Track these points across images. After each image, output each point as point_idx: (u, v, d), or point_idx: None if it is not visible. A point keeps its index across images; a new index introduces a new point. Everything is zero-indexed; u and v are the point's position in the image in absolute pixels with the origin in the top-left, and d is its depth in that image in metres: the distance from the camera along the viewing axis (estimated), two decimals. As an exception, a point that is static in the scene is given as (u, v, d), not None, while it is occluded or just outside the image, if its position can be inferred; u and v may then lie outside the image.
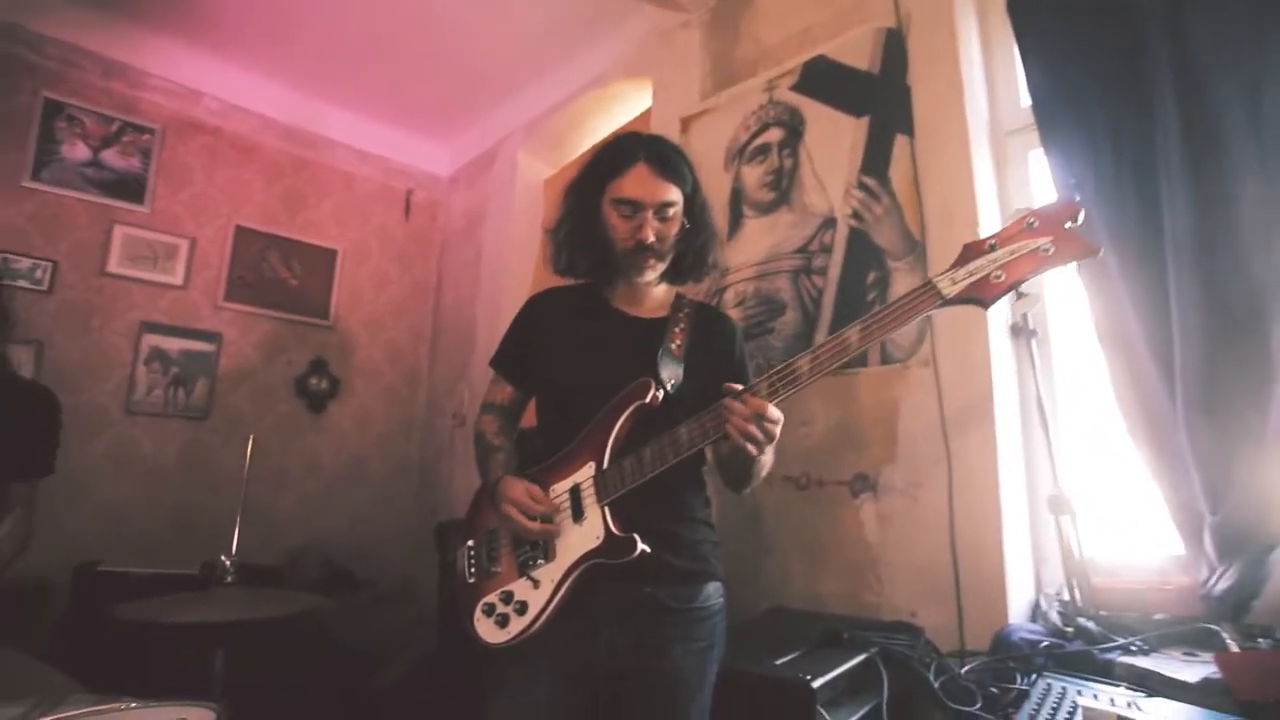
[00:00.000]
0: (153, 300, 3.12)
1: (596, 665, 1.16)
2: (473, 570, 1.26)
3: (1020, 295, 1.00)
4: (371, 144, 3.89)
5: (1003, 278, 0.98)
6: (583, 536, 1.16)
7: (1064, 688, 1.28)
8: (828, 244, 2.11)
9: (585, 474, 1.19)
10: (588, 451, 1.20)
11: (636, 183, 1.26)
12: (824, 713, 1.19)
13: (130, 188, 3.11)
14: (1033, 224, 0.99)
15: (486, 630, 1.18)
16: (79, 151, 3.00)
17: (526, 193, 3.60)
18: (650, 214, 1.26)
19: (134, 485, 2.96)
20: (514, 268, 3.48)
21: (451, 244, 4.05)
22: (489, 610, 1.19)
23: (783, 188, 2.28)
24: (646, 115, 2.96)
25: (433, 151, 4.10)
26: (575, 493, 1.19)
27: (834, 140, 2.16)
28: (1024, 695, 1.30)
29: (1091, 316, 1.63)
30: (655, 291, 1.39)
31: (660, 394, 1.19)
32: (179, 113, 3.30)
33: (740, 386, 1.10)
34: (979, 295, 1.00)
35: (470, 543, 1.29)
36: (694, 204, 1.33)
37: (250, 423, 3.31)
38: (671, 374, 1.25)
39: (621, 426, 1.19)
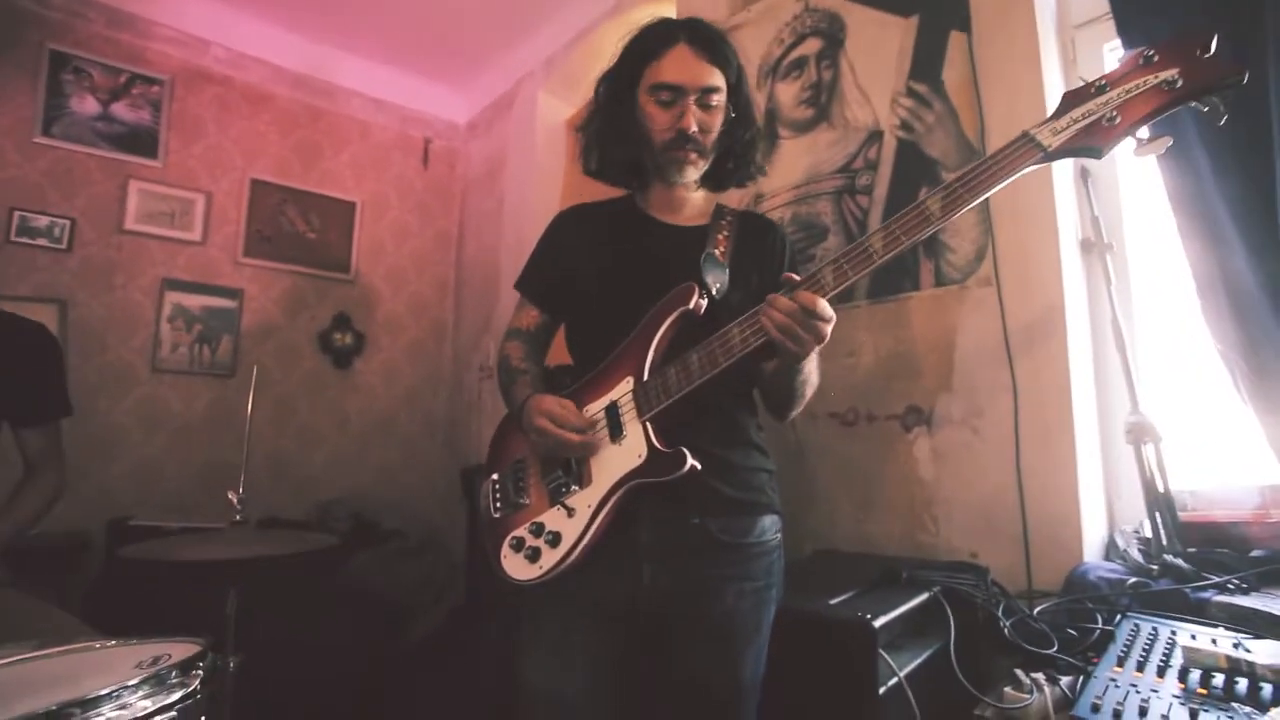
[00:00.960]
0: (172, 257, 3.07)
1: (639, 606, 1.04)
2: (498, 504, 1.14)
3: (1140, 141, 0.84)
4: (386, 91, 3.76)
5: (1118, 120, 0.82)
6: (622, 456, 1.03)
7: (1154, 628, 1.15)
8: (873, 160, 1.93)
9: (623, 389, 1.06)
10: (625, 366, 1.07)
11: (677, 66, 1.11)
12: (886, 655, 1.08)
13: (142, 141, 3.03)
14: (1151, 57, 0.82)
15: (515, 566, 1.07)
16: (88, 105, 2.92)
17: (548, 134, 3.43)
18: (692, 100, 1.12)
19: (164, 442, 2.96)
20: (538, 213, 3.33)
21: (472, 193, 3.92)
22: (517, 545, 1.08)
23: (821, 103, 2.09)
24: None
25: (449, 98, 3.94)
26: (612, 410, 1.06)
27: (879, 45, 1.96)
28: (1108, 636, 1.16)
29: (1177, 222, 1.44)
30: (694, 198, 1.25)
31: (704, 301, 1.06)
32: (187, 63, 3.19)
33: (798, 277, 0.95)
34: (1089, 144, 0.84)
35: (495, 476, 1.17)
36: (739, 94, 1.18)
37: (276, 380, 3.29)
38: (716, 279, 1.11)
39: (663, 337, 1.06)
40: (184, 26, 3.18)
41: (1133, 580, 1.27)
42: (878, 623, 1.07)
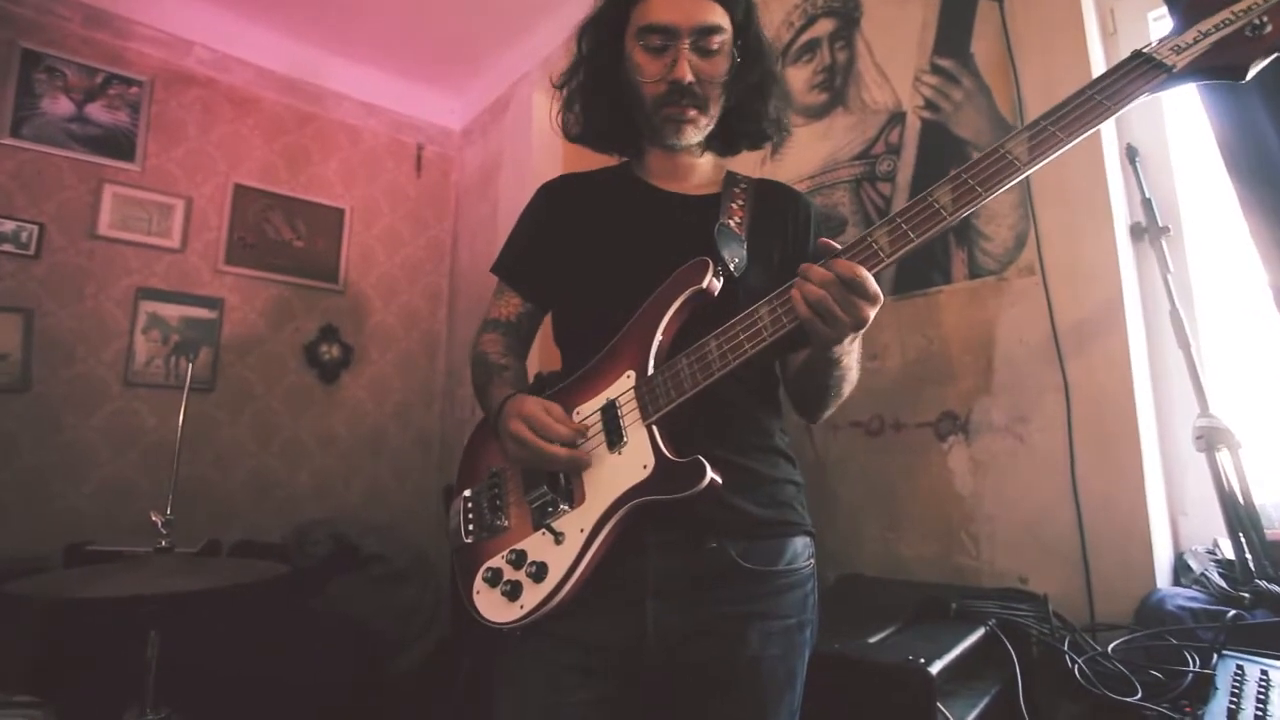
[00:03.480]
0: (148, 264, 2.90)
1: (644, 653, 0.84)
2: (470, 528, 0.93)
3: None
4: (378, 96, 3.62)
5: (1268, 29, 0.65)
6: (623, 468, 0.82)
7: (1264, 671, 0.95)
8: (895, 144, 1.77)
9: (623, 386, 0.86)
10: (625, 358, 0.88)
11: (668, 2, 0.93)
12: (944, 710, 0.88)
13: (119, 144, 2.88)
14: None
15: (490, 605, 0.86)
16: (61, 105, 2.77)
17: (544, 136, 3.28)
18: (686, 44, 0.93)
19: (136, 460, 2.77)
20: (533, 219, 3.19)
21: (466, 200, 3.77)
22: (493, 578, 0.87)
23: (836, 86, 1.93)
24: (672, 32, 2.62)
25: (443, 103, 3.81)
26: (610, 411, 0.86)
27: (898, 21, 1.81)
28: (1205, 680, 0.97)
29: (1239, 195, 1.26)
30: (700, 164, 1.07)
31: (720, 279, 0.87)
32: (168, 63, 3.06)
33: (838, 244, 0.77)
34: (1227, 61, 0.67)
35: (467, 493, 0.97)
36: (746, 34, 0.99)
37: (259, 394, 3.11)
38: (734, 254, 0.92)
39: (670, 322, 0.86)
40: (166, 26, 3.05)
41: (1232, 613, 1.08)
42: (934, 668, 0.88)
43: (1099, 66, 1.52)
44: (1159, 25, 1.57)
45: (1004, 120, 1.56)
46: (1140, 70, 0.70)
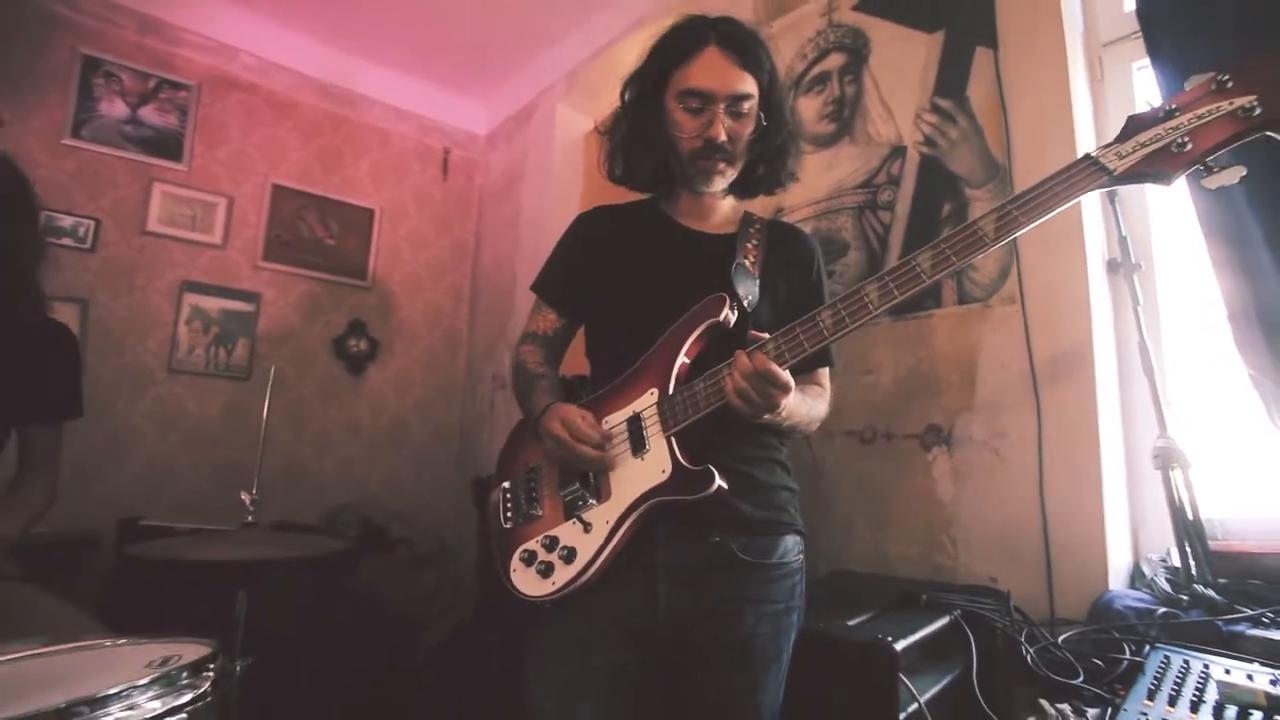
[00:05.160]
0: (192, 259, 3.09)
1: (656, 626, 1.00)
2: (509, 514, 1.10)
3: (1210, 171, 0.81)
4: (407, 101, 3.79)
5: (1189, 147, 0.79)
6: (644, 471, 0.99)
7: (1186, 660, 1.11)
8: (895, 176, 1.92)
9: (646, 401, 1.03)
10: (649, 377, 1.04)
11: (706, 71, 1.08)
12: (906, 680, 1.04)
13: (168, 145, 3.07)
14: (1226, 83, 0.79)
15: (526, 581, 1.03)
16: (117, 109, 2.96)
17: (567, 147, 3.45)
18: (722, 108, 1.08)
19: (178, 443, 2.96)
20: (555, 226, 3.32)
21: (489, 204, 3.94)
22: (529, 559, 1.04)
23: (844, 118, 2.08)
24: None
25: (470, 108, 3.98)
26: (635, 423, 1.03)
27: (903, 61, 1.95)
28: (1136, 668, 1.12)
29: (1210, 249, 1.41)
30: (722, 205, 1.22)
31: (735, 313, 1.03)
32: (215, 69, 3.24)
33: (766, 336, 0.94)
34: (1157, 170, 0.81)
35: (506, 484, 1.14)
36: (771, 99, 1.14)
37: (291, 384, 3.29)
38: (747, 291, 1.08)
39: (690, 348, 1.03)
40: (213, 34, 3.23)
41: (1162, 611, 1.23)
42: (899, 645, 1.04)
43: (1084, 113, 1.67)
44: (1142, 74, 1.70)
45: (994, 160, 1.71)
46: (1089, 171, 0.85)
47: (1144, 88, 1.69)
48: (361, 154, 3.65)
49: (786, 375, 0.90)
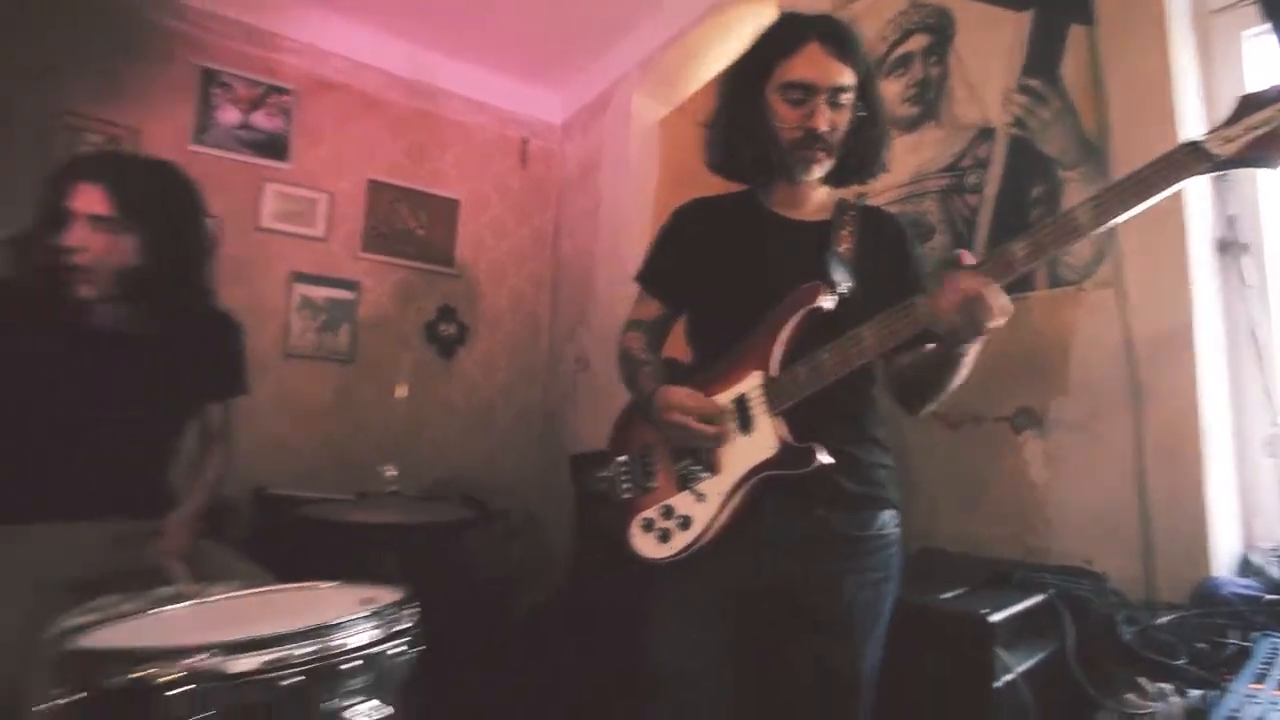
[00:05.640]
0: (299, 252, 3.34)
1: (761, 591, 1.10)
2: (626, 486, 1.21)
3: None
4: (486, 94, 3.92)
5: None
6: (752, 448, 1.08)
7: (1294, 646, 1.11)
8: (983, 158, 1.90)
9: (752, 383, 1.11)
10: (751, 360, 1.12)
11: (809, 64, 1.13)
12: (1001, 653, 1.10)
13: (275, 147, 3.31)
14: None
15: (646, 545, 1.14)
16: (231, 115, 3.21)
17: (642, 135, 3.51)
18: (823, 99, 1.13)
19: (293, 422, 3.24)
20: (632, 213, 3.43)
21: (567, 192, 4.06)
22: (647, 525, 1.15)
23: (928, 100, 2.07)
24: (769, 38, 2.77)
25: (546, 99, 4.09)
26: (741, 403, 1.11)
27: (990, 41, 1.92)
28: (1243, 654, 1.14)
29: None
30: (816, 194, 1.27)
31: (832, 299, 1.09)
32: (312, 73, 3.45)
33: (971, 259, 0.97)
34: (1265, 154, 0.82)
35: (622, 459, 1.24)
36: (868, 91, 1.19)
37: (388, 367, 3.52)
38: (842, 277, 1.14)
39: (790, 333, 1.10)
40: (309, 39, 3.44)
41: (1270, 598, 1.23)
42: (994, 618, 1.09)
43: (1188, 87, 1.62)
44: (1253, 44, 1.63)
45: (1089, 141, 1.68)
46: (1189, 156, 0.86)
47: (1256, 58, 1.62)
48: (446, 147, 3.83)
49: (1006, 298, 0.93)
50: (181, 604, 1.06)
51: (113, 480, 1.45)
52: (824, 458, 1.02)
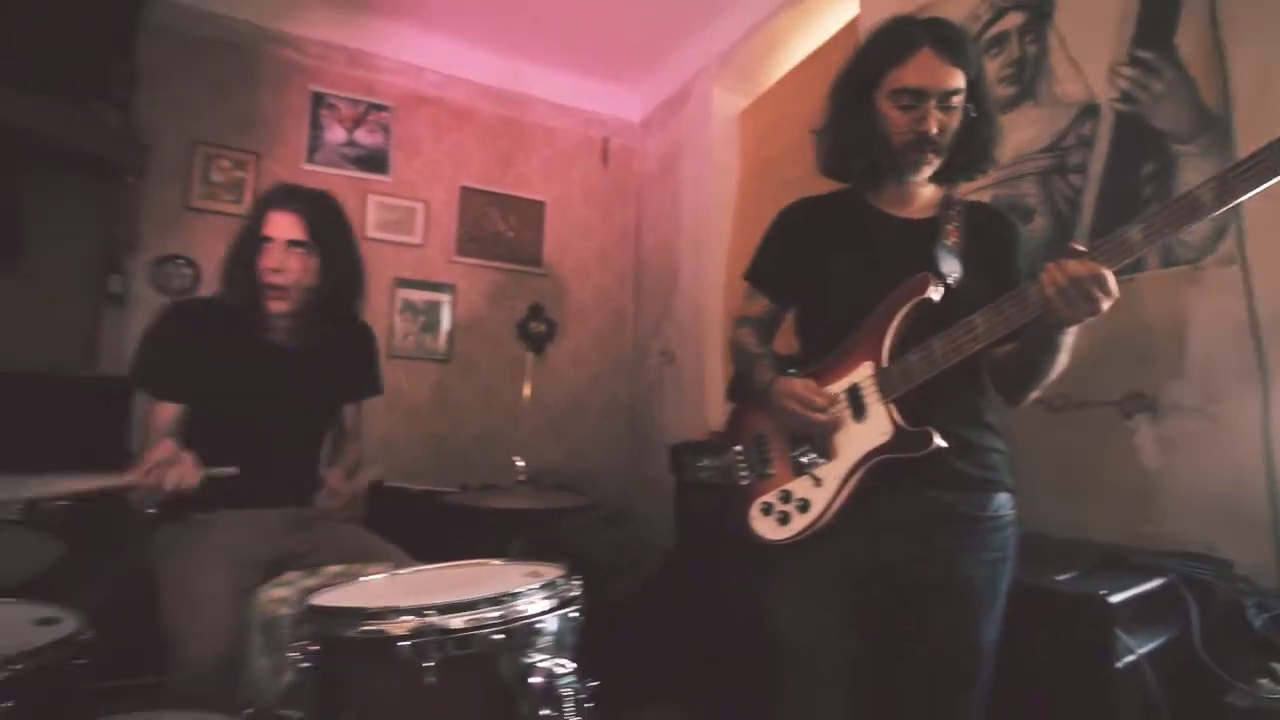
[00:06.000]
0: (400, 258, 3.57)
1: (879, 571, 1.14)
2: (744, 473, 1.28)
3: None
4: (568, 96, 4.04)
5: None
6: (867, 433, 1.13)
7: None
8: (1087, 136, 1.85)
9: (864, 373, 1.16)
10: (862, 351, 1.17)
11: (920, 70, 1.14)
12: (1122, 635, 1.10)
13: (376, 161, 3.55)
14: None
15: (766, 528, 1.21)
16: (337, 134, 3.46)
17: (722, 128, 3.55)
18: (933, 104, 1.15)
19: (398, 419, 3.47)
20: (714, 207, 3.48)
21: (648, 188, 4.14)
22: (767, 509, 1.21)
23: (1025, 79, 2.03)
24: (852, 26, 2.76)
25: (625, 97, 4.18)
26: (854, 392, 1.16)
27: (1094, 13, 1.87)
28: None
29: None
30: (923, 191, 1.29)
31: (941, 289, 1.12)
32: (407, 89, 3.67)
33: (1081, 248, 0.98)
34: None
35: (738, 447, 1.31)
36: (979, 91, 1.20)
37: (482, 365, 3.72)
38: (951, 269, 1.17)
39: (900, 324, 1.14)
40: (403, 57, 3.65)
41: None
42: (1114, 599, 1.10)
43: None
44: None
45: (1208, 111, 1.61)
46: None
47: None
48: (531, 151, 3.98)
49: (1114, 282, 0.95)
50: (378, 575, 1.22)
51: (287, 472, 1.65)
52: (939, 441, 1.05)
